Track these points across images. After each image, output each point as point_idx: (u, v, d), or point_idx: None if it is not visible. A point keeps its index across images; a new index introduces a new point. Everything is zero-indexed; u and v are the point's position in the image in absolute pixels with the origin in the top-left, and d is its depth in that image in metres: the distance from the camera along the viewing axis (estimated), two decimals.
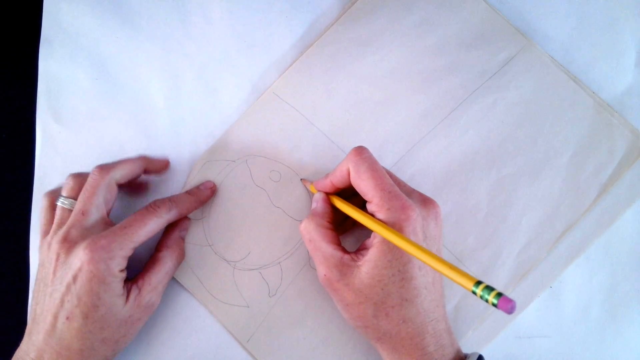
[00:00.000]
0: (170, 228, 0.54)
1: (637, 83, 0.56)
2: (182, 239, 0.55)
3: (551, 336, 0.55)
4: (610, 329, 0.55)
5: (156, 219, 0.50)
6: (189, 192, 0.55)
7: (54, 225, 0.51)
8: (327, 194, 0.52)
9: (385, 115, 0.56)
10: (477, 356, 0.47)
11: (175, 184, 0.57)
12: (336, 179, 0.50)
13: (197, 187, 0.55)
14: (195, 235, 0.56)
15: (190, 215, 0.56)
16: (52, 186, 0.57)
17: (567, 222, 0.54)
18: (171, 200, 0.52)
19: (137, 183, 0.57)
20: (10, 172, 0.59)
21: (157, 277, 0.51)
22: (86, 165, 0.58)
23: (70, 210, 0.51)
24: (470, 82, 0.56)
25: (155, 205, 0.51)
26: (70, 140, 0.58)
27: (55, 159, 0.58)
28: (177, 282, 0.55)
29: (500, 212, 0.55)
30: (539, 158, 0.55)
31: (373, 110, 0.56)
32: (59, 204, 0.52)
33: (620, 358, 0.55)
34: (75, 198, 0.51)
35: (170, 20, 0.59)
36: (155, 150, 0.58)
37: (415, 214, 0.46)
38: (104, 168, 0.51)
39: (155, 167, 0.56)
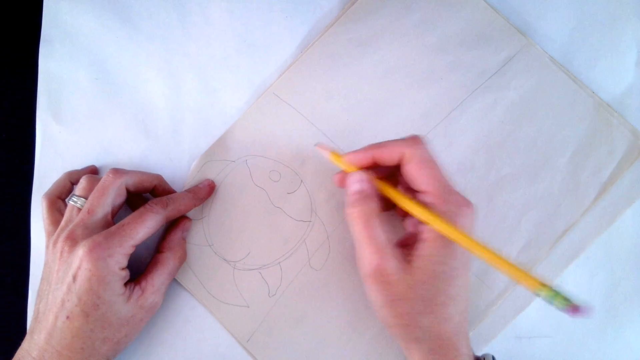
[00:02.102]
0: (171, 229, 0.54)
1: (637, 83, 0.56)
2: (184, 239, 0.55)
3: (551, 336, 0.55)
4: (610, 329, 0.55)
5: (154, 215, 0.50)
6: (187, 190, 0.55)
7: (62, 223, 0.51)
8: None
9: (385, 115, 0.56)
10: (491, 357, 0.47)
11: (175, 184, 0.57)
12: (382, 158, 0.48)
13: (196, 185, 0.55)
14: (195, 235, 0.56)
15: (191, 215, 0.56)
16: None
17: (567, 222, 0.54)
18: (169, 197, 0.52)
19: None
20: (10, 172, 0.60)
21: (160, 278, 0.51)
22: (86, 165, 0.58)
23: (78, 210, 0.51)
24: (470, 81, 0.56)
25: (152, 203, 0.51)
26: (70, 140, 0.59)
27: (55, 159, 0.58)
28: (177, 282, 0.55)
29: (500, 212, 0.55)
30: (539, 158, 0.55)
31: (373, 110, 0.56)
32: (70, 202, 0.52)
33: (620, 358, 0.55)
34: (87, 198, 0.51)
35: (170, 20, 0.59)
36: (155, 150, 0.58)
37: (472, 211, 0.45)
38: (118, 171, 0.51)
39: (165, 189, 0.56)
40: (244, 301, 0.55)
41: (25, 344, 0.49)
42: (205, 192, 0.55)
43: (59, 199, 0.55)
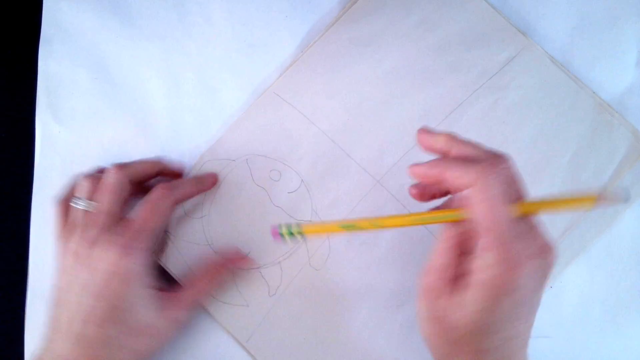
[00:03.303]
0: (225, 261, 0.54)
1: (637, 83, 0.56)
2: (228, 274, 0.54)
3: (551, 336, 0.55)
4: (610, 329, 0.55)
5: (164, 200, 0.50)
6: (192, 177, 0.55)
7: (69, 227, 0.50)
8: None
9: (385, 115, 0.56)
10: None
11: None
12: (446, 181, 0.40)
13: (200, 175, 0.56)
14: (194, 234, 0.56)
15: (191, 214, 0.56)
16: (52, 186, 0.57)
17: (568, 223, 0.54)
18: (173, 183, 0.52)
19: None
20: (10, 172, 0.60)
21: (189, 296, 0.51)
22: (86, 165, 0.58)
23: (86, 211, 0.50)
24: (471, 82, 0.56)
25: (159, 189, 0.50)
26: (70, 140, 0.59)
27: (55, 159, 0.58)
28: (177, 282, 0.55)
29: None
30: (540, 158, 0.55)
31: (373, 110, 0.56)
32: (73, 205, 0.51)
33: (620, 358, 0.55)
34: (90, 199, 0.50)
35: (170, 20, 0.60)
36: (155, 150, 0.58)
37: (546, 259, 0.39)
38: (121, 167, 0.51)
39: (170, 171, 0.56)
40: (243, 301, 0.55)
41: (43, 355, 0.48)
42: (209, 181, 0.55)
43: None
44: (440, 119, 0.56)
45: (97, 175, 0.52)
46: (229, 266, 0.54)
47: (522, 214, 0.39)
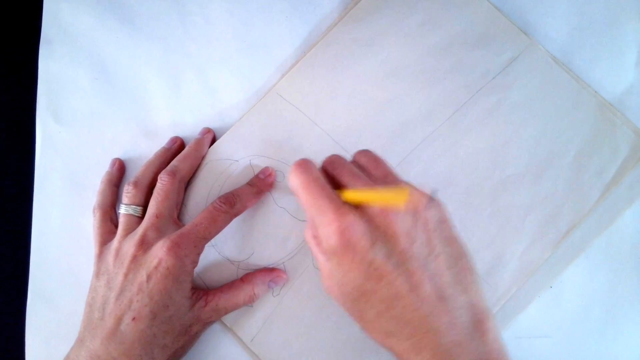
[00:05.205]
0: (265, 271, 0.55)
1: (637, 82, 0.56)
2: (269, 287, 0.54)
3: (551, 336, 0.55)
4: (610, 329, 0.55)
5: (224, 215, 0.51)
6: (250, 184, 0.55)
7: (121, 232, 0.52)
8: None
9: (388, 115, 0.56)
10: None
11: None
12: None
13: (257, 177, 0.55)
14: None
15: (194, 215, 0.55)
16: (52, 186, 0.58)
17: (570, 222, 0.54)
18: (234, 194, 0.53)
19: None
20: (11, 171, 0.59)
21: (224, 300, 0.52)
22: (86, 165, 0.58)
23: (135, 216, 0.53)
24: (473, 82, 0.56)
25: (220, 202, 0.52)
26: (70, 140, 0.59)
27: (55, 159, 0.58)
28: None
29: (504, 212, 0.55)
30: (542, 158, 0.55)
31: (376, 110, 0.56)
32: (122, 211, 0.53)
33: (620, 358, 0.55)
34: (138, 204, 0.53)
35: (170, 20, 0.59)
36: (155, 150, 0.57)
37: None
38: (171, 173, 0.53)
39: (206, 147, 0.57)
40: None
41: (72, 353, 0.48)
42: (268, 183, 0.55)
43: (112, 208, 0.56)
44: (443, 119, 0.56)
45: (141, 182, 0.54)
46: (266, 280, 0.54)
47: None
